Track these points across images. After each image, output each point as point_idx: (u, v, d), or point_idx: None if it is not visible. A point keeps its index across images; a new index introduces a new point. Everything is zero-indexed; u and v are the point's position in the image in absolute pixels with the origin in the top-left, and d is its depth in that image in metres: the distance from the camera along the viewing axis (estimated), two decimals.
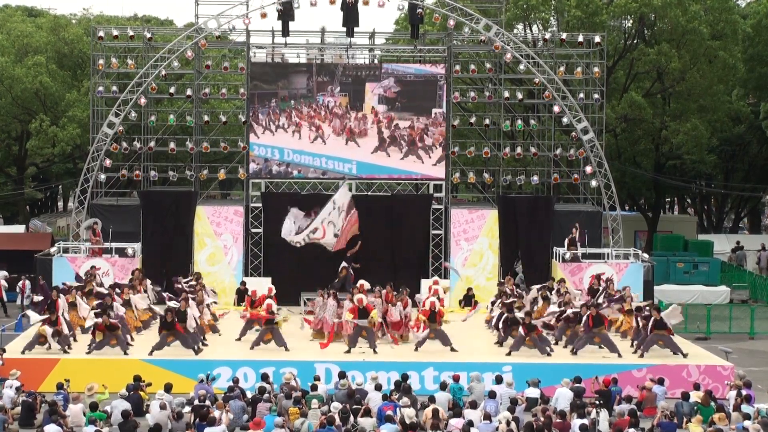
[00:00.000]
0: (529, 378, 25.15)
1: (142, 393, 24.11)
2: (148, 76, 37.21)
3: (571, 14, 43.98)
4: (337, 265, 35.54)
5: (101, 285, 32.13)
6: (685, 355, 27.54)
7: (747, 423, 21.22)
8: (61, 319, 27.78)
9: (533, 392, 24.16)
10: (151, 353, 27.19)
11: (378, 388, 23.78)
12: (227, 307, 35.86)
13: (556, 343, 29.03)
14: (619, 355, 27.69)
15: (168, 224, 37.63)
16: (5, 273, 39.50)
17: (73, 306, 29.75)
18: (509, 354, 27.75)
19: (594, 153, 37.49)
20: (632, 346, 28.63)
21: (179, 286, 32.25)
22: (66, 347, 27.49)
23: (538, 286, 33.03)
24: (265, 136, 38.12)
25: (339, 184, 35.67)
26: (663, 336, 27.78)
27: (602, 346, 28.06)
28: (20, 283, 39.10)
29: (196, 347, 27.71)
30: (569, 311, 29.26)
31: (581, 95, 38.49)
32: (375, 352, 28.05)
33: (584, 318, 28.10)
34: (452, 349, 28.44)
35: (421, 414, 22.33)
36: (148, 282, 33.35)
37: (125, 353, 27.17)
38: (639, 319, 28.75)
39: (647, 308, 29.07)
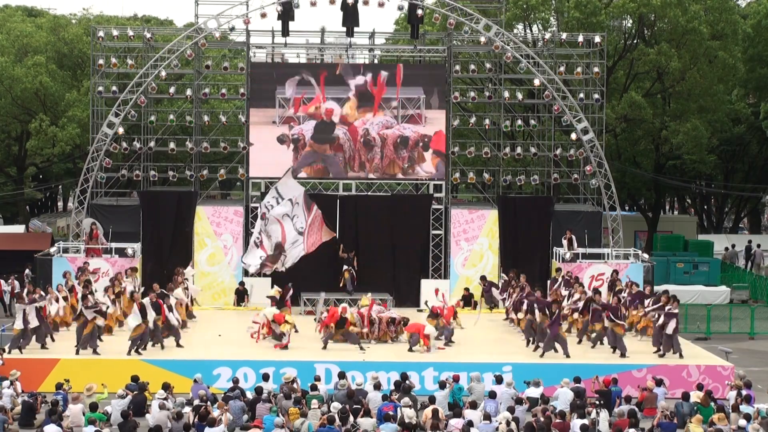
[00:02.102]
0: (528, 378, 25.14)
1: (146, 394, 24.09)
2: (148, 76, 37.20)
3: (571, 15, 43.99)
4: (337, 267, 35.68)
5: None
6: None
7: (742, 422, 21.19)
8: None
9: (534, 392, 24.15)
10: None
11: (377, 387, 23.78)
12: (227, 307, 35.94)
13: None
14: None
15: (168, 224, 37.62)
16: (28, 272, 39.57)
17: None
18: (542, 355, 27.83)
19: (594, 153, 37.49)
20: (654, 345, 28.56)
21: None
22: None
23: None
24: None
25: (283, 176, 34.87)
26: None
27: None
28: (9, 281, 39.07)
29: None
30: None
31: (581, 95, 38.49)
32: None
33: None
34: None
35: (421, 414, 22.33)
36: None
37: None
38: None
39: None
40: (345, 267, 35.52)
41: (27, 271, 39.74)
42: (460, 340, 29.75)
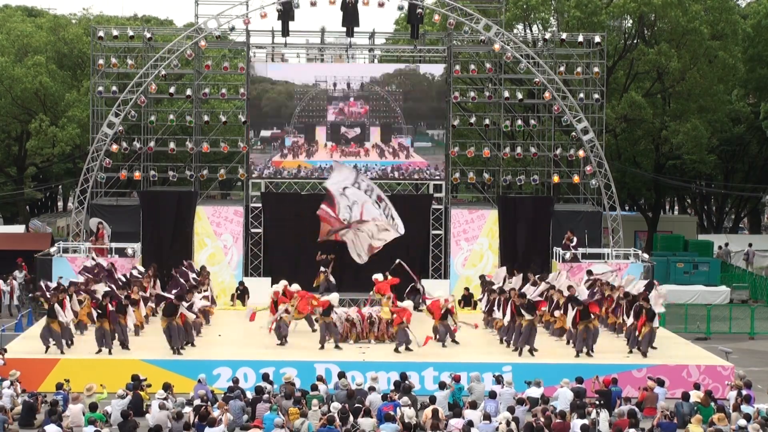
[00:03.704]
0: (528, 378, 25.13)
1: (142, 393, 24.11)
2: (148, 76, 37.21)
3: (571, 15, 43.98)
4: (338, 266, 35.68)
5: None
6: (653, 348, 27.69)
7: (742, 422, 21.18)
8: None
9: (535, 392, 24.14)
10: None
11: (372, 389, 23.74)
12: (226, 307, 35.93)
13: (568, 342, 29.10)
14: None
15: (168, 224, 37.65)
16: (25, 273, 39.49)
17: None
18: (520, 354, 27.77)
19: (594, 153, 37.49)
20: (628, 344, 28.54)
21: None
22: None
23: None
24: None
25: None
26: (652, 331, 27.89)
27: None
28: (9, 281, 38.97)
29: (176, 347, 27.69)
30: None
31: (581, 95, 38.49)
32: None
33: (572, 313, 28.07)
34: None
35: (421, 414, 22.33)
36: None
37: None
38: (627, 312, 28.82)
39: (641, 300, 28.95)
40: (322, 269, 35.31)
41: (15, 272, 39.58)
42: (459, 341, 29.69)
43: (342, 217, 32.29)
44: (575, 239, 36.38)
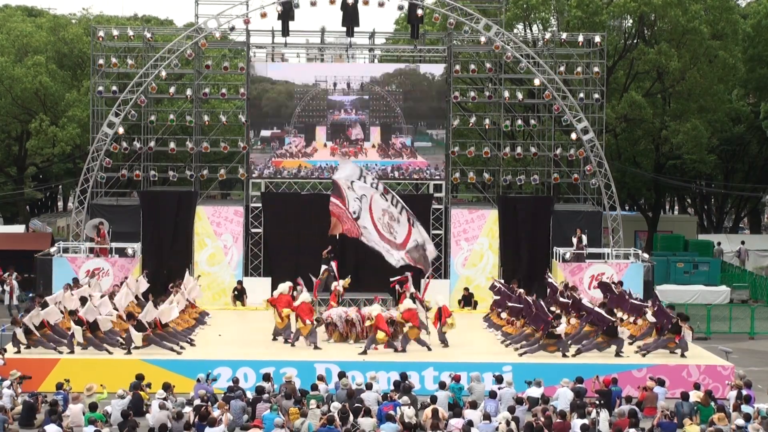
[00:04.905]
0: (529, 378, 25.13)
1: (142, 393, 24.12)
2: (148, 76, 37.22)
3: (572, 14, 43.98)
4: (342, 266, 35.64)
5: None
6: (683, 355, 27.58)
7: (740, 422, 21.18)
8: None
9: (535, 392, 24.14)
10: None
11: (369, 387, 23.74)
12: (227, 307, 35.93)
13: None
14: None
15: (168, 224, 37.65)
16: (15, 273, 39.46)
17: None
18: (521, 355, 27.73)
19: (594, 153, 37.49)
20: (639, 346, 28.49)
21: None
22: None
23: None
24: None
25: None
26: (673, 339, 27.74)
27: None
28: (8, 281, 38.94)
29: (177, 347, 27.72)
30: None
31: (581, 95, 38.50)
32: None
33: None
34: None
35: (421, 414, 22.33)
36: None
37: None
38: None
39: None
40: (324, 267, 35.05)
41: (6, 273, 39.44)
42: (459, 341, 29.68)
43: (351, 209, 32.03)
44: (583, 236, 36.31)
